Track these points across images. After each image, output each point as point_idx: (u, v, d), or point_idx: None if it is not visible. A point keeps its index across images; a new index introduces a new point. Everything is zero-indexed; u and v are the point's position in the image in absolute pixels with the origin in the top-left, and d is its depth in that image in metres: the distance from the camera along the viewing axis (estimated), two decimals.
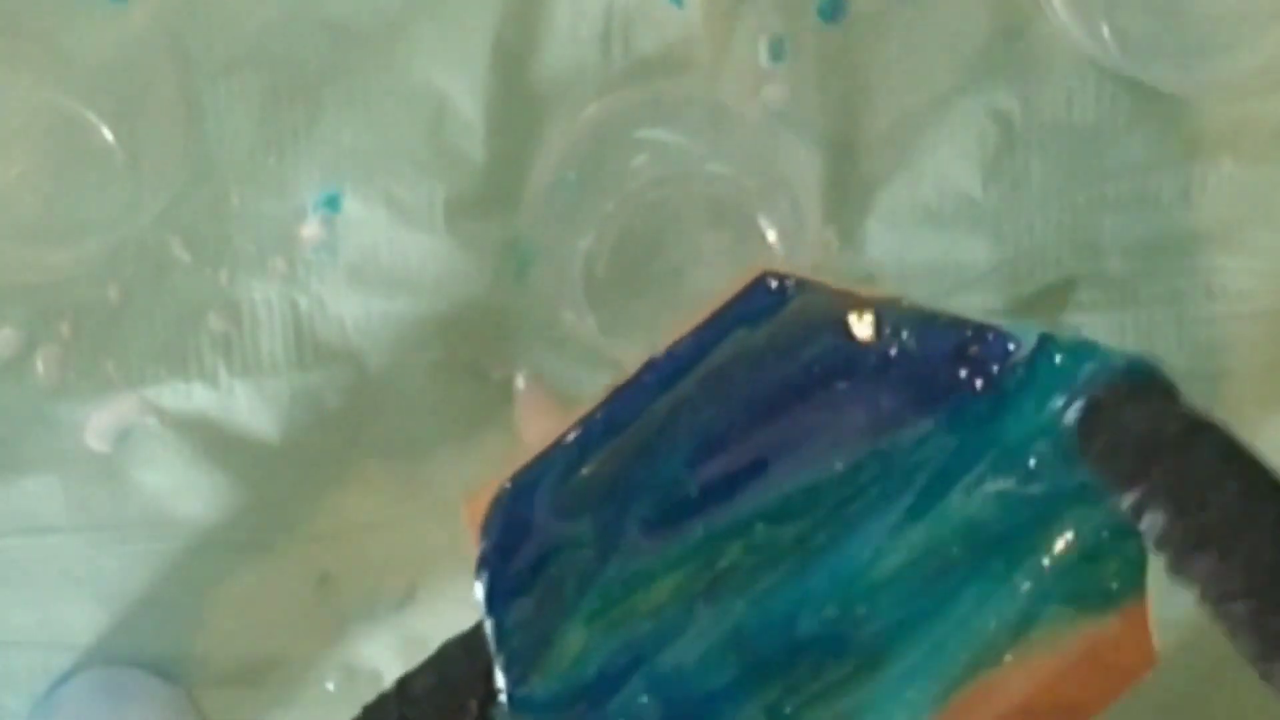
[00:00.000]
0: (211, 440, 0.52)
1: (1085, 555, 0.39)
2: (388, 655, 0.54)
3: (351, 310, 0.52)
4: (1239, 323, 0.53)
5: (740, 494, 0.39)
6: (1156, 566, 0.39)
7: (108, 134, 0.50)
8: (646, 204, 0.51)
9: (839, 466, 0.39)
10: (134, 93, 0.50)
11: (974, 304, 0.53)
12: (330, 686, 0.55)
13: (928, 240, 0.52)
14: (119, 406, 0.51)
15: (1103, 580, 0.39)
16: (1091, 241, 0.53)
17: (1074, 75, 0.52)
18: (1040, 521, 0.38)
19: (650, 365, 0.41)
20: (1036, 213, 0.53)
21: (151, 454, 0.52)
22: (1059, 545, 0.39)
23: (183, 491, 0.52)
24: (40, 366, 0.51)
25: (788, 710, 0.39)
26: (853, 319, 0.40)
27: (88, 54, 0.49)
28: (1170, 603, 0.38)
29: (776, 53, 0.51)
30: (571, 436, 0.40)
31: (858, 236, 0.52)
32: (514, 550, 0.40)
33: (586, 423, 0.41)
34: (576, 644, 0.39)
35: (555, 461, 0.40)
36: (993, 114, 0.52)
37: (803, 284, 0.41)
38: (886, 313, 0.40)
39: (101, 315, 0.51)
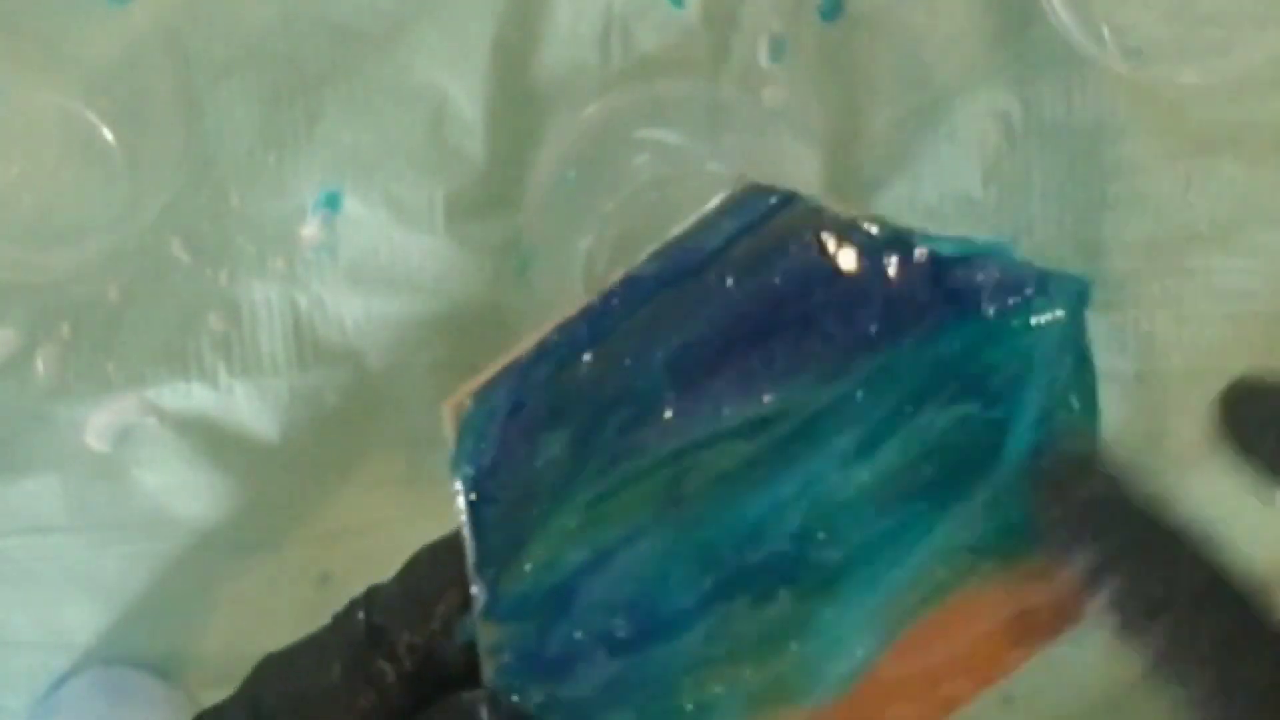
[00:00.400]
0: (211, 440, 0.52)
1: (1036, 489, 0.38)
2: None
3: (351, 310, 0.52)
4: (1239, 323, 0.53)
5: (715, 405, 0.39)
6: None
7: (108, 134, 0.50)
8: (646, 204, 0.51)
9: (813, 379, 0.39)
10: (134, 93, 0.50)
11: None
12: None
13: None
14: (119, 406, 0.51)
15: None
16: (1091, 241, 0.53)
17: (1074, 75, 0.52)
18: (998, 450, 0.38)
19: (630, 273, 0.40)
20: (1036, 212, 0.53)
21: (151, 454, 0.52)
22: (1012, 476, 0.38)
23: (183, 491, 0.52)
24: (40, 367, 0.51)
25: (735, 630, 0.38)
26: (829, 237, 0.40)
27: (88, 54, 0.49)
28: None
29: (776, 53, 0.51)
30: (551, 341, 0.40)
31: None
32: (490, 453, 0.39)
33: (567, 329, 0.40)
34: (547, 550, 0.39)
35: (534, 367, 0.40)
36: (993, 114, 0.52)
37: (786, 195, 0.40)
38: (865, 231, 0.39)
39: (101, 315, 0.51)
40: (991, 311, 0.38)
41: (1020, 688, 0.54)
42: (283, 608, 0.54)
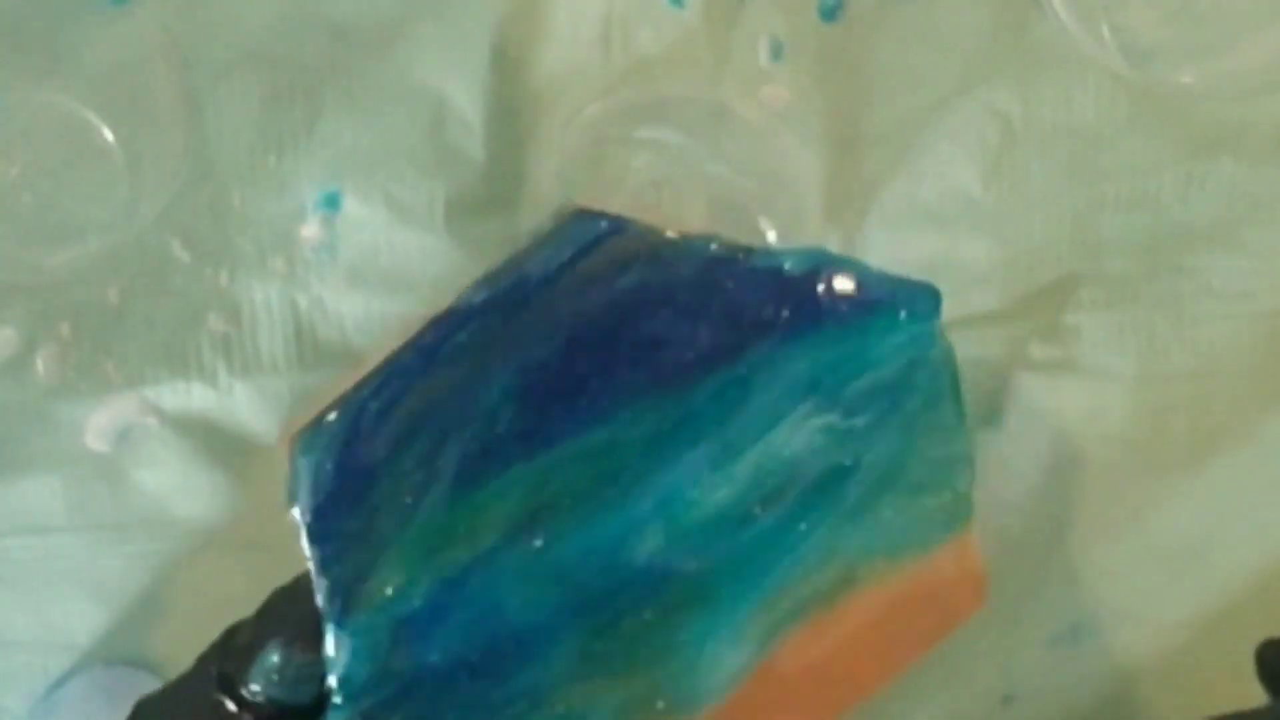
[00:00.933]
0: (211, 440, 0.52)
1: (910, 488, 0.39)
2: None
3: (351, 310, 0.52)
4: (1239, 323, 0.53)
5: (560, 424, 0.39)
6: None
7: (108, 134, 0.50)
8: (646, 204, 0.51)
9: (659, 397, 0.38)
10: (134, 93, 0.50)
11: (974, 303, 0.53)
12: None
13: (928, 240, 0.52)
14: (119, 406, 0.51)
15: (928, 514, 0.39)
16: (1091, 241, 0.53)
17: (1074, 75, 0.52)
18: (863, 456, 0.39)
19: (462, 300, 0.40)
20: (1036, 212, 0.53)
21: (151, 454, 0.52)
22: (883, 479, 0.39)
23: (183, 491, 0.52)
24: (40, 366, 0.51)
25: (598, 648, 0.38)
26: (665, 257, 0.40)
27: (88, 55, 0.49)
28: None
29: (776, 53, 0.51)
30: (383, 372, 0.40)
31: (858, 236, 0.52)
32: (326, 487, 0.39)
33: (397, 360, 0.40)
34: (397, 577, 0.38)
35: (366, 398, 0.40)
36: (993, 114, 0.52)
37: (618, 220, 0.41)
38: (703, 248, 0.40)
39: (102, 315, 0.51)
40: (842, 323, 0.38)
41: (1020, 688, 0.54)
42: None
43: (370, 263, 0.52)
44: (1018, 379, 0.53)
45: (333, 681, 0.38)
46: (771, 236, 0.52)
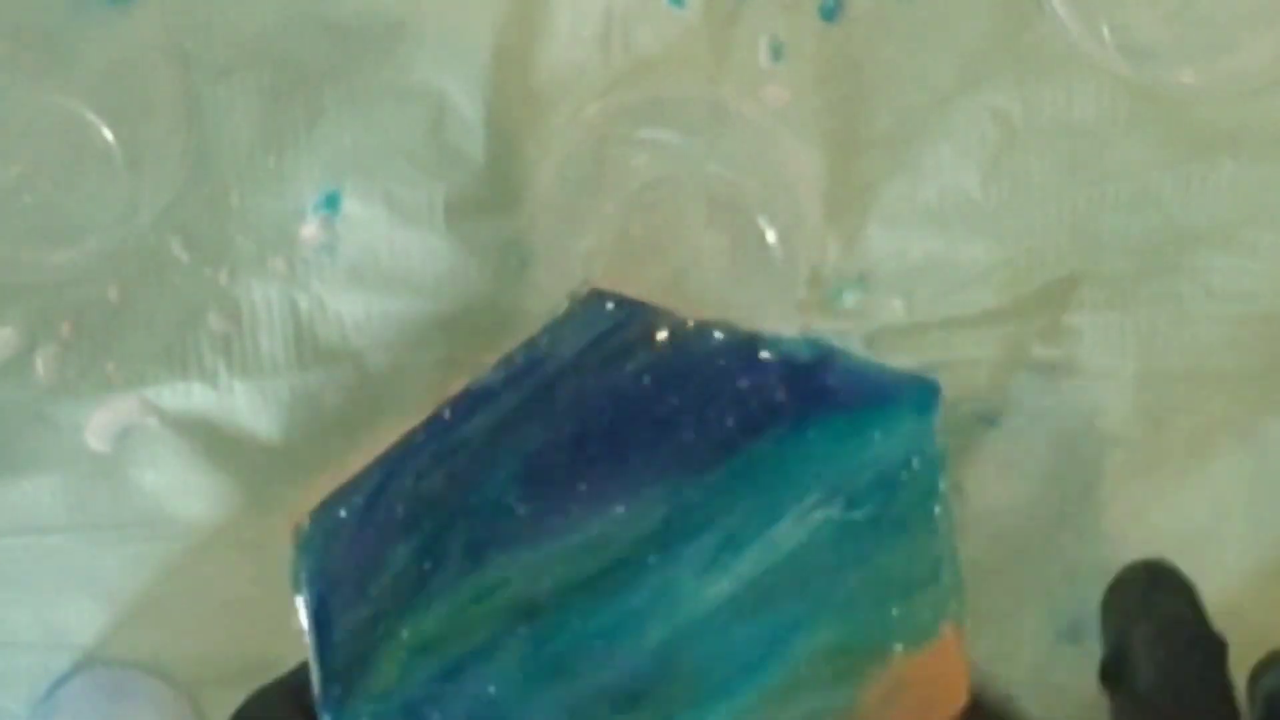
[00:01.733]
0: (211, 440, 0.52)
1: (903, 585, 0.39)
2: None
3: (351, 310, 0.52)
4: (1239, 323, 0.53)
5: (565, 515, 0.38)
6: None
7: (108, 134, 0.50)
8: (646, 204, 0.51)
9: (665, 485, 0.38)
10: (134, 93, 0.50)
11: (974, 303, 0.53)
12: None
13: (928, 240, 0.52)
14: (119, 406, 0.51)
15: (919, 611, 0.39)
16: (1091, 241, 0.53)
17: (1074, 75, 0.52)
18: (861, 550, 0.38)
19: (477, 383, 0.40)
20: (1036, 212, 0.53)
21: (151, 454, 0.52)
22: (877, 574, 0.38)
23: (183, 491, 0.52)
24: (40, 366, 0.51)
25: None
26: (677, 342, 0.39)
27: (88, 54, 0.49)
28: None
29: (776, 53, 0.51)
30: (394, 456, 0.40)
31: (858, 236, 0.52)
32: (332, 571, 0.39)
33: (409, 442, 0.40)
34: (396, 667, 0.38)
35: (376, 482, 0.40)
36: (993, 114, 0.52)
37: (633, 306, 0.40)
38: (713, 335, 0.39)
39: (101, 315, 0.51)
40: (849, 413, 0.38)
41: (1020, 687, 0.54)
42: (282, 608, 0.54)
43: (370, 263, 0.52)
44: (1017, 379, 0.54)
45: None
46: (771, 236, 0.52)
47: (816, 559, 0.38)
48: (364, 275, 0.52)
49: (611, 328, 0.40)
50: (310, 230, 0.52)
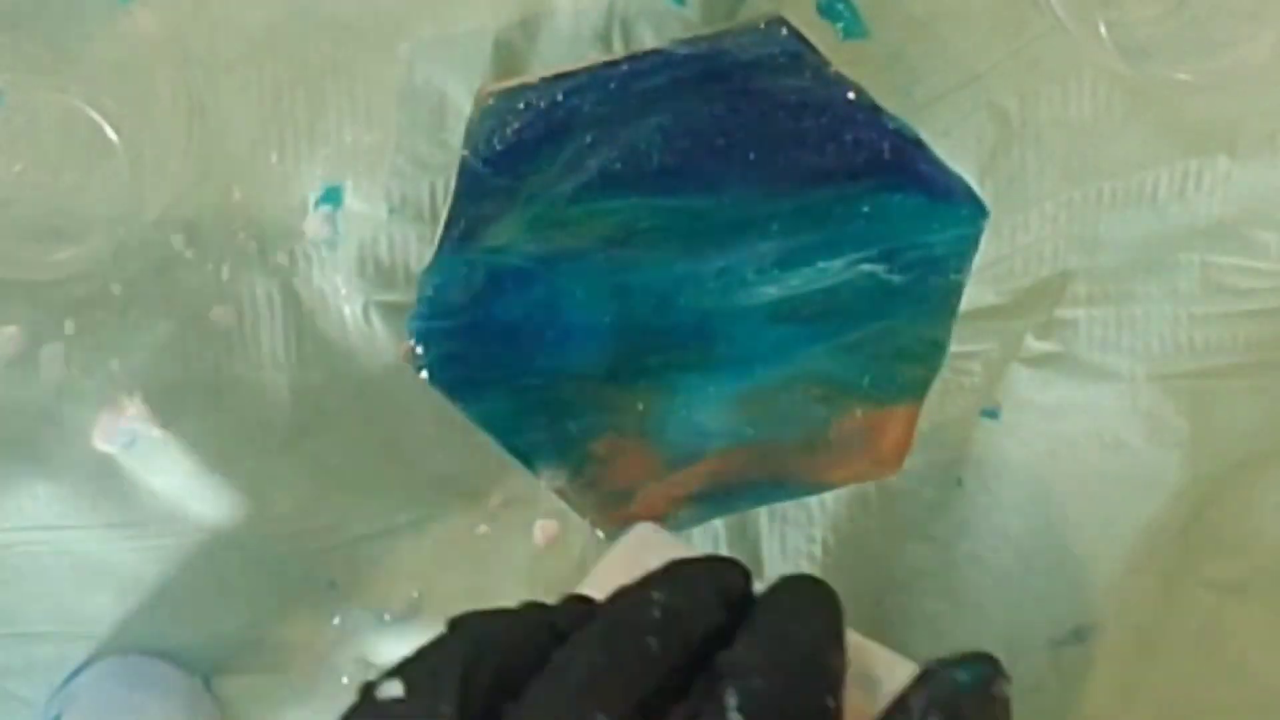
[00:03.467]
0: (212, 439, 0.52)
1: (901, 350, 0.45)
2: (401, 651, 0.54)
3: (353, 305, 0.52)
4: (1236, 321, 0.53)
5: (685, 178, 0.44)
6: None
7: (110, 132, 0.50)
8: None
9: (764, 190, 0.44)
10: (137, 90, 0.50)
11: (971, 298, 0.53)
12: (345, 680, 0.55)
13: None
14: (123, 404, 0.52)
15: (902, 374, 0.46)
16: (1088, 238, 0.53)
17: (1071, 72, 0.52)
18: (885, 308, 0.44)
19: (668, 46, 0.46)
20: (1033, 209, 0.53)
21: (155, 454, 0.52)
22: (887, 333, 0.45)
23: (186, 492, 0.52)
24: (44, 364, 0.51)
25: (623, 377, 0.44)
26: (824, 81, 0.45)
27: (91, 52, 0.50)
28: None
29: None
30: (575, 74, 0.46)
31: None
32: (495, 144, 0.45)
33: (592, 70, 0.46)
34: (506, 233, 0.44)
35: (555, 95, 0.45)
36: (990, 111, 0.52)
37: (801, 39, 0.46)
38: (846, 89, 0.45)
39: (105, 312, 0.51)
40: (930, 195, 0.44)
41: (1021, 688, 0.54)
42: (291, 602, 0.54)
43: (372, 259, 0.52)
44: (1014, 374, 0.54)
45: (426, 292, 0.43)
46: None
47: (848, 301, 0.44)
48: (365, 271, 0.52)
49: (779, 51, 0.46)
50: (312, 225, 0.52)
